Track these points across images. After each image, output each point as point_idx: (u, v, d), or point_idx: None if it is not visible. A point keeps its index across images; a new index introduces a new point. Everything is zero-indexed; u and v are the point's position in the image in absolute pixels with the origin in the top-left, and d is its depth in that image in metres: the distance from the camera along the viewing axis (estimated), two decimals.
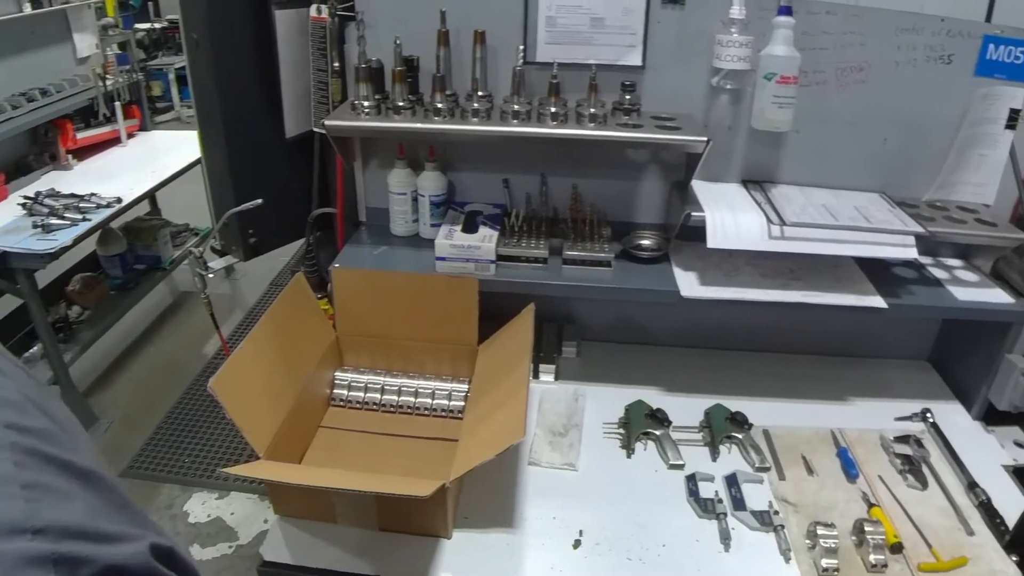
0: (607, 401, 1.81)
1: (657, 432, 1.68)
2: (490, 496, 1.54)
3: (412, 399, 1.83)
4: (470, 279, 1.75)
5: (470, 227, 1.82)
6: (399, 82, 1.74)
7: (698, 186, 1.76)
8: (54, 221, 2.86)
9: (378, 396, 1.87)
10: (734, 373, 1.93)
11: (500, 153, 1.92)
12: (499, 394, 1.60)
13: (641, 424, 1.70)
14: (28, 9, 3.33)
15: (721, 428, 1.69)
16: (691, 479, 1.56)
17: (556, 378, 1.93)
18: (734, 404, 1.76)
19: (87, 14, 3.59)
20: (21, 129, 3.26)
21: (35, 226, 2.85)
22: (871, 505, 1.50)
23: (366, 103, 1.77)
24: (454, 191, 1.99)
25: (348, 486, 1.35)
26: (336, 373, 1.92)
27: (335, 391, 1.90)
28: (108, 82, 3.43)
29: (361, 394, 1.88)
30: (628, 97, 1.70)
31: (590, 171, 1.91)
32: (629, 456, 1.65)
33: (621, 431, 1.71)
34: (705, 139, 1.59)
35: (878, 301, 1.68)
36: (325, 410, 1.88)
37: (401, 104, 1.74)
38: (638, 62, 1.75)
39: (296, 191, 2.14)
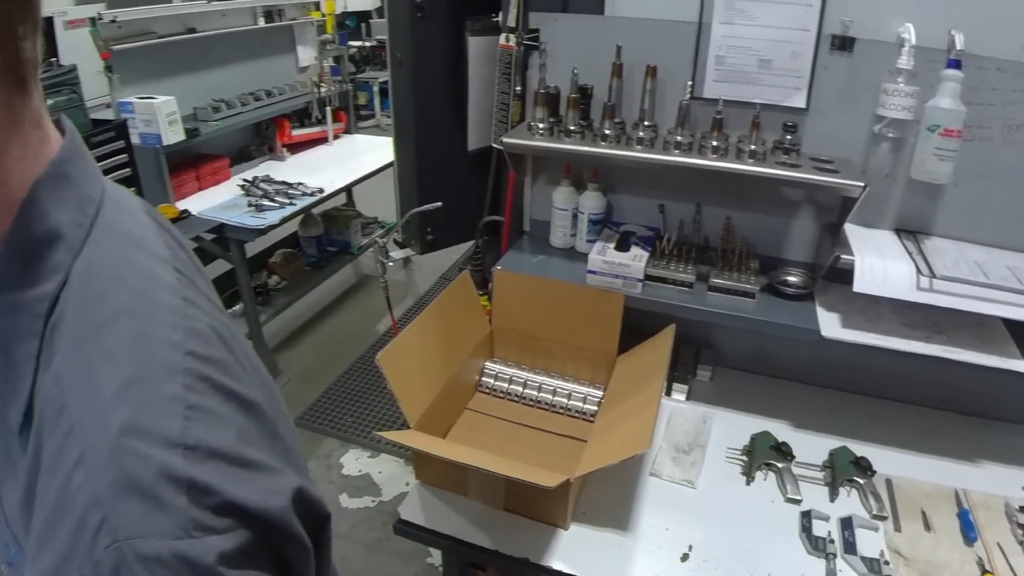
0: (734, 427, 1.75)
1: (779, 464, 1.62)
2: (609, 498, 1.54)
3: (550, 397, 1.86)
4: (617, 294, 1.76)
5: (623, 246, 1.82)
6: (573, 108, 1.78)
7: (850, 230, 1.67)
8: (266, 202, 3.15)
9: (520, 389, 1.91)
10: (864, 418, 1.80)
11: (659, 180, 1.91)
12: (631, 405, 1.59)
13: (765, 454, 1.64)
14: (262, 23, 3.71)
15: (844, 470, 1.59)
16: (806, 515, 1.49)
17: (687, 398, 1.89)
18: (860, 448, 1.66)
19: (310, 30, 3.92)
20: (247, 123, 3.60)
21: (250, 205, 3.15)
22: (985, 572, 1.36)
23: (541, 125, 1.82)
24: (612, 211, 2.00)
25: (483, 465, 1.37)
26: (486, 363, 1.98)
27: (483, 379, 1.96)
28: (322, 89, 3.70)
29: (506, 385, 1.94)
30: (789, 137, 1.65)
31: (745, 205, 1.86)
32: (748, 483, 1.59)
33: (744, 458, 1.65)
34: (862, 184, 1.51)
35: (1022, 366, 1.53)
36: (472, 395, 1.94)
37: (572, 128, 1.78)
38: (802, 104, 1.69)
39: (471, 198, 2.24)
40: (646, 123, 1.74)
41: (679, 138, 1.68)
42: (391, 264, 3.36)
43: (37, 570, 0.42)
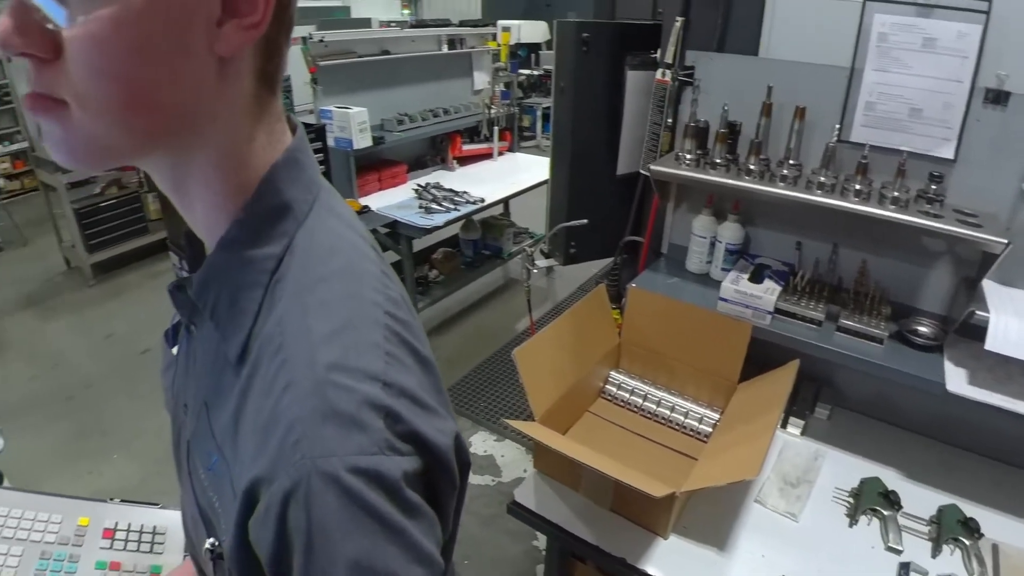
0: (845, 468, 1.66)
1: (885, 512, 1.51)
2: (710, 516, 1.51)
3: (668, 412, 1.85)
4: (745, 323, 1.72)
5: (757, 278, 1.78)
6: (720, 142, 1.77)
7: (988, 286, 1.53)
8: (434, 206, 3.34)
9: (640, 401, 1.91)
10: (979, 478, 1.63)
11: (799, 218, 1.84)
12: (745, 431, 1.55)
13: (872, 500, 1.54)
14: (445, 49, 3.95)
15: (950, 528, 1.46)
16: (904, 567, 1.38)
17: (802, 433, 1.81)
18: (970, 509, 1.51)
19: (486, 58, 4.11)
20: (425, 135, 3.83)
21: (420, 207, 3.35)
22: None
23: (688, 156, 1.82)
24: (749, 243, 1.95)
25: (597, 466, 1.38)
26: (611, 372, 2.00)
27: (607, 386, 1.98)
28: (492, 111, 3.85)
29: (627, 395, 1.94)
30: (934, 187, 1.53)
31: (882, 250, 1.75)
32: (851, 525, 1.50)
33: (850, 500, 1.55)
34: (1005, 241, 1.38)
35: None
36: (595, 400, 1.96)
37: (719, 161, 1.77)
38: (950, 155, 1.56)
39: (615, 218, 2.27)
40: (791, 162, 1.69)
41: (822, 179, 1.62)
42: (536, 271, 3.43)
43: (251, 472, 0.47)
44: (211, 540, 0.55)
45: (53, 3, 0.42)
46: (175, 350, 0.65)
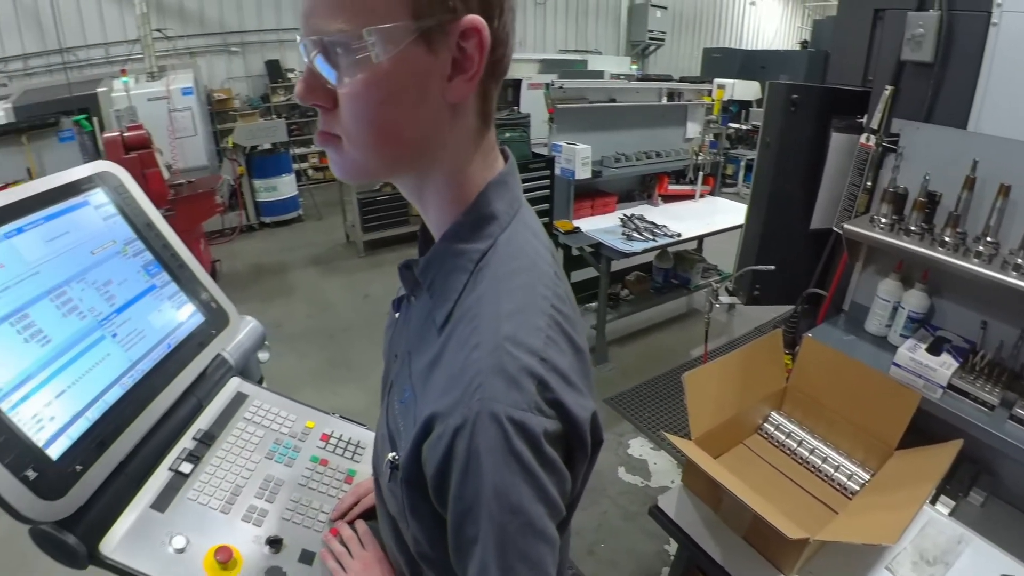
0: (987, 560, 1.40)
1: None
2: (838, 570, 1.38)
3: (819, 461, 1.72)
4: (914, 393, 1.53)
5: (935, 350, 1.58)
6: (918, 210, 1.60)
7: None
8: (635, 235, 3.36)
9: (794, 445, 1.80)
10: None
11: (989, 296, 1.59)
12: (892, 498, 1.39)
13: None
14: (664, 101, 3.96)
15: None
16: None
17: (950, 513, 1.55)
18: None
19: (699, 111, 4.03)
20: (636, 173, 3.85)
21: (623, 234, 3.38)
22: None
23: (883, 220, 1.68)
24: (933, 313, 1.74)
25: (740, 494, 1.34)
26: (772, 412, 1.90)
27: (765, 424, 1.88)
28: (699, 158, 3.76)
29: (783, 437, 1.84)
30: None
31: None
32: None
33: None
34: None
35: None
36: (751, 434, 1.88)
37: (913, 228, 1.60)
38: None
39: (801, 269, 2.14)
40: (988, 239, 1.48)
41: (1020, 260, 1.40)
42: (718, 305, 3.32)
43: (438, 406, 0.54)
44: (392, 454, 0.63)
45: (330, 70, 0.54)
46: (396, 315, 0.76)
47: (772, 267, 2.08)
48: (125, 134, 4.21)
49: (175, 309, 1.07)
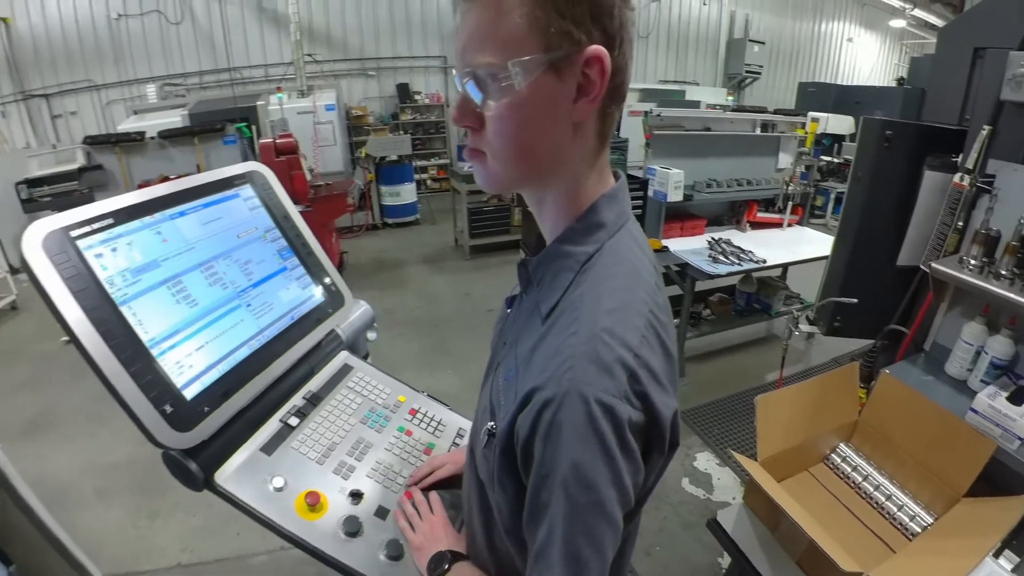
0: None
1: None
2: None
3: (883, 499, 1.59)
4: (990, 441, 1.39)
5: (1017, 399, 1.42)
6: (1010, 254, 1.45)
7: None
8: (721, 258, 3.24)
9: (859, 478, 1.68)
10: None
11: None
12: (954, 545, 1.27)
13: None
14: (758, 131, 3.78)
15: None
16: None
17: (1013, 569, 1.37)
18: None
19: (792, 142, 3.80)
20: (726, 199, 3.70)
21: (709, 256, 3.28)
22: None
23: (973, 262, 1.54)
24: (1017, 361, 1.56)
25: (798, 519, 1.29)
26: (841, 444, 1.78)
27: (832, 455, 1.77)
28: (789, 188, 3.55)
29: (848, 468, 1.72)
30: None
31: None
32: None
33: None
34: None
35: None
36: (817, 463, 1.77)
37: (1004, 272, 1.46)
38: None
39: (884, 304, 2.00)
40: None
41: None
42: (797, 333, 3.15)
43: (536, 382, 0.57)
44: (491, 423, 0.65)
45: (479, 96, 0.60)
46: (508, 310, 0.79)
47: (855, 300, 1.96)
48: (277, 141, 4.64)
49: (300, 288, 1.16)
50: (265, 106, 6.20)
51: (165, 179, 2.46)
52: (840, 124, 6.90)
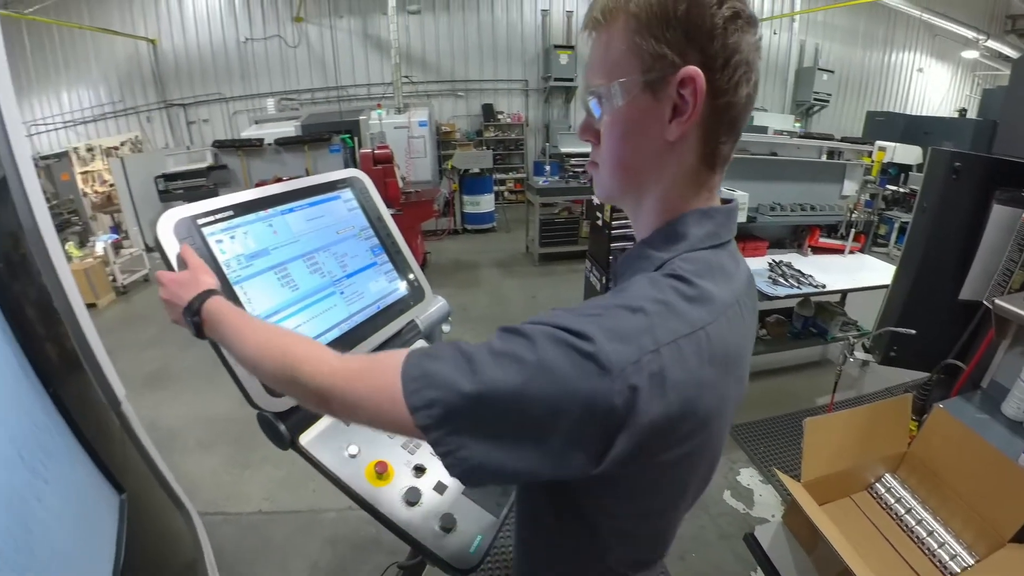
0: None
1: None
2: None
3: (924, 534, 1.49)
4: None
5: None
6: None
7: None
8: (781, 280, 3.10)
9: (902, 511, 1.58)
10: None
11: None
12: None
13: None
14: (824, 158, 3.58)
15: None
16: None
17: None
18: None
19: (858, 170, 3.58)
20: (789, 223, 3.53)
21: (769, 277, 3.14)
22: None
23: None
24: None
25: (835, 544, 1.25)
26: (887, 474, 1.69)
27: (876, 485, 1.69)
28: (853, 215, 3.36)
29: (892, 500, 1.63)
30: None
31: None
32: None
33: None
34: None
35: None
36: (860, 491, 1.69)
37: None
38: None
39: (943, 338, 1.87)
40: None
41: None
42: (851, 360, 2.97)
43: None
44: None
45: (597, 112, 0.62)
46: None
47: (913, 331, 1.84)
48: (375, 151, 4.90)
49: (387, 282, 1.22)
50: (366, 120, 6.55)
51: (278, 180, 2.67)
52: (907, 154, 6.42)
